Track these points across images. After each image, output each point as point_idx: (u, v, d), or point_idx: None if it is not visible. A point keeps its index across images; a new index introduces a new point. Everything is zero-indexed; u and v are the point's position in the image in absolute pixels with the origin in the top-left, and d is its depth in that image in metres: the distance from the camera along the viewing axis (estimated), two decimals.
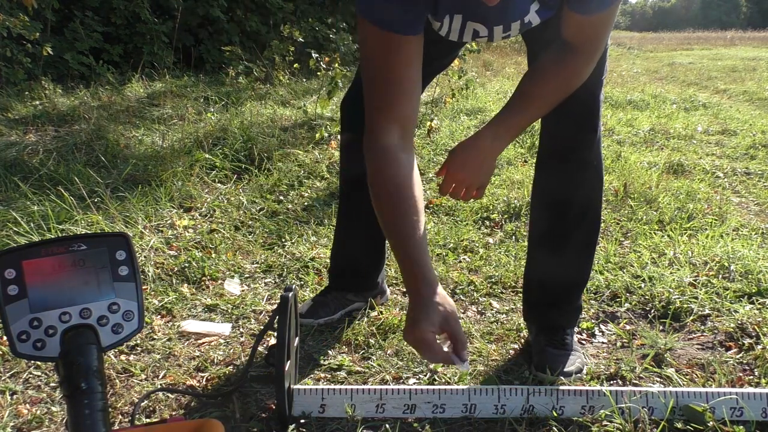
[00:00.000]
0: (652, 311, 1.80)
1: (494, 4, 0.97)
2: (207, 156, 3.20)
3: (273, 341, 1.55)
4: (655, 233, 2.46)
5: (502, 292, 1.93)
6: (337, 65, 4.61)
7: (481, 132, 1.26)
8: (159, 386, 1.39)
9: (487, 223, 2.59)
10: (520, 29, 1.23)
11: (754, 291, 1.89)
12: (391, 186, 1.12)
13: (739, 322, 1.70)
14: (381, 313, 1.73)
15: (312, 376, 1.46)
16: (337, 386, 1.34)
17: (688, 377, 1.46)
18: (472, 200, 1.36)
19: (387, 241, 1.76)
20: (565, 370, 1.41)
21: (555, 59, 1.22)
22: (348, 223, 1.72)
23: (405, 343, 1.55)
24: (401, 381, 1.44)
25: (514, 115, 1.25)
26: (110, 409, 1.29)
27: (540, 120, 1.44)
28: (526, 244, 1.69)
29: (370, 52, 1.13)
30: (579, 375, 1.43)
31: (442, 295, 1.07)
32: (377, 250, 1.76)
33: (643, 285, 1.94)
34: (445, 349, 1.04)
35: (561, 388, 1.32)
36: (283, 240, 2.33)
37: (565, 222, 1.48)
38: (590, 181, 1.46)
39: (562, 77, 1.22)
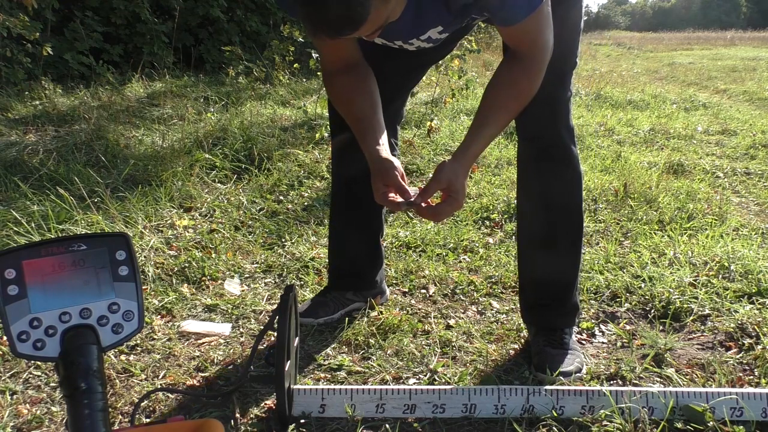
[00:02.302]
0: (652, 311, 1.80)
1: (370, 40, 1.08)
2: (207, 156, 3.20)
3: (273, 341, 1.55)
4: (655, 233, 2.46)
5: (502, 292, 1.93)
6: None
7: (464, 154, 1.25)
8: (159, 386, 1.39)
9: (487, 223, 2.59)
10: (426, 42, 1.31)
11: (754, 291, 1.89)
12: (344, 92, 1.34)
13: (739, 322, 1.70)
14: (381, 313, 1.73)
15: (312, 376, 1.46)
16: (337, 386, 1.34)
17: (688, 377, 1.46)
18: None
19: (382, 237, 1.77)
20: (565, 369, 1.42)
21: (506, 69, 1.27)
22: (345, 222, 1.72)
23: (405, 343, 1.57)
24: (401, 381, 1.44)
25: (489, 128, 1.27)
26: (110, 409, 1.29)
27: (515, 123, 1.46)
28: None
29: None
30: (578, 375, 1.43)
31: (387, 159, 1.23)
32: (372, 248, 1.76)
33: (643, 285, 1.94)
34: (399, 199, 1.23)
35: (561, 388, 1.32)
36: (283, 240, 2.33)
37: (550, 221, 1.50)
38: (568, 179, 1.49)
39: (516, 83, 1.26)
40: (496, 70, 1.29)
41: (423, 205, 1.21)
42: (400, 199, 1.22)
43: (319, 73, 5.17)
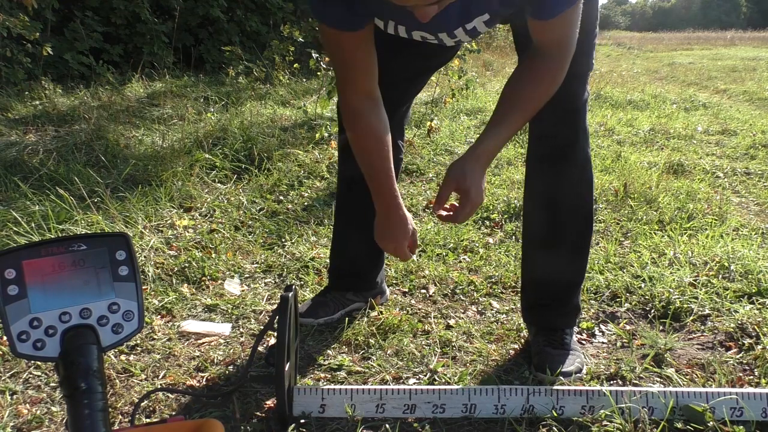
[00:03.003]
0: (652, 311, 1.80)
1: (427, 21, 1.06)
2: (207, 156, 3.20)
3: (273, 341, 1.55)
4: (655, 233, 2.46)
5: (502, 292, 1.93)
6: None
7: (473, 152, 1.25)
8: (159, 386, 1.39)
9: (487, 223, 2.59)
10: (468, 35, 1.29)
11: (754, 291, 1.89)
12: (366, 139, 1.33)
13: (739, 322, 1.70)
14: (381, 313, 1.73)
15: (312, 376, 1.46)
16: (337, 386, 1.34)
17: (688, 377, 1.46)
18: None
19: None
20: (565, 369, 1.42)
21: (529, 66, 1.26)
22: (345, 222, 1.72)
23: (405, 343, 1.57)
24: (401, 381, 1.44)
25: (503, 127, 1.26)
26: (110, 409, 1.29)
27: (529, 122, 1.45)
28: None
29: (326, 43, 1.29)
30: (579, 375, 1.43)
31: (406, 215, 1.36)
32: (373, 248, 1.75)
33: (643, 285, 1.94)
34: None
35: (561, 388, 1.32)
36: (283, 240, 2.33)
37: (557, 222, 1.49)
38: (579, 181, 1.48)
39: (537, 82, 1.25)
40: (514, 71, 1.28)
41: (443, 212, 1.25)
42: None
43: (319, 73, 5.17)
